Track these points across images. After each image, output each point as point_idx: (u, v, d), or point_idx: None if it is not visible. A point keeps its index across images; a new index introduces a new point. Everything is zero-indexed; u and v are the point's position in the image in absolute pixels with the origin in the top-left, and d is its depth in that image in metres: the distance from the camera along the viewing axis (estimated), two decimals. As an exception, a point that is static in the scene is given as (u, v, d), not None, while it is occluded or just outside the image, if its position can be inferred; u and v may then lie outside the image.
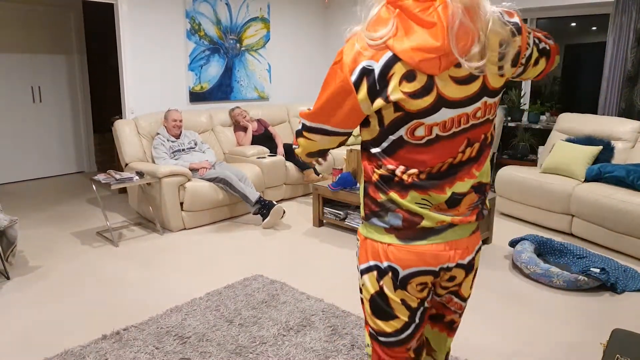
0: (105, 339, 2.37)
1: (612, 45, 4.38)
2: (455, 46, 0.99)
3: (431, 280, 1.18)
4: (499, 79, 1.09)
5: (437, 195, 1.13)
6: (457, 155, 1.12)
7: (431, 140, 1.09)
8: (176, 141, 4.34)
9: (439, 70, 1.02)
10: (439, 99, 1.05)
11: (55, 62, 5.78)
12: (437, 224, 1.14)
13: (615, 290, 2.89)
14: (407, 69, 1.02)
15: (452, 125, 1.08)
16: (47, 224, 4.20)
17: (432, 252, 1.14)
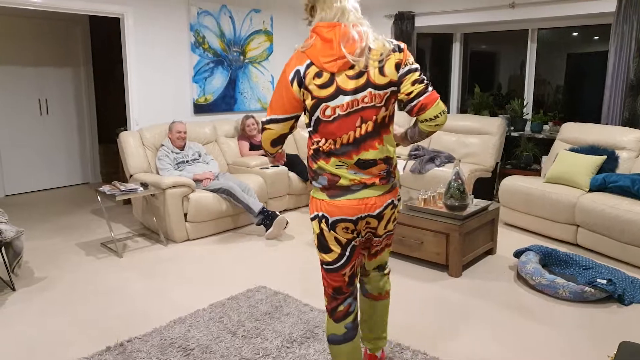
0: (109, 350, 2.37)
1: (614, 55, 4.39)
2: (346, 52, 1.58)
3: (352, 226, 1.70)
4: (382, 77, 1.62)
5: (347, 160, 1.66)
6: (356, 129, 1.64)
7: (335, 117, 1.63)
8: (180, 152, 4.37)
9: (337, 70, 1.60)
10: (337, 89, 1.61)
11: (61, 74, 5.85)
12: (352, 182, 1.66)
13: (623, 302, 2.86)
14: (317, 70, 1.61)
15: (347, 107, 1.62)
16: (52, 235, 4.22)
17: (348, 206, 1.67)
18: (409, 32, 5.65)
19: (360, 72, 1.60)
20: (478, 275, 3.31)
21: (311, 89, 1.62)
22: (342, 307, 1.81)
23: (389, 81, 1.63)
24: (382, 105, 1.64)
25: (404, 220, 3.46)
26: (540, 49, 5.39)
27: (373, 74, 1.61)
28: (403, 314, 2.76)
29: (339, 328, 1.82)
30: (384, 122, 1.68)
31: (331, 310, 1.83)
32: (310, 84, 1.62)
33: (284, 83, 1.66)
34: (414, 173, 4.84)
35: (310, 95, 1.63)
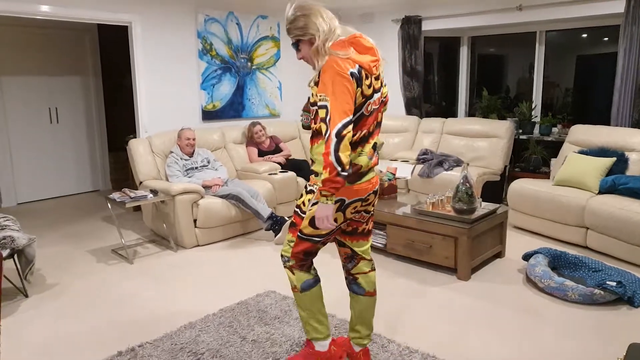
0: (121, 355, 2.40)
1: (623, 56, 4.37)
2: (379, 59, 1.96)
3: (360, 204, 2.02)
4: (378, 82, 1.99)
5: (367, 145, 1.97)
6: (376, 121, 1.99)
7: (371, 111, 1.96)
8: (189, 159, 4.41)
9: (376, 71, 1.94)
10: (373, 88, 1.94)
11: (71, 83, 5.94)
12: (367, 167, 1.97)
13: (633, 304, 2.84)
14: (366, 73, 1.89)
15: (377, 102, 1.98)
16: (63, 242, 4.27)
17: (363, 188, 1.98)
18: (416, 36, 5.66)
19: (379, 74, 1.98)
20: (487, 278, 3.30)
21: (363, 88, 1.88)
22: (308, 262, 2.15)
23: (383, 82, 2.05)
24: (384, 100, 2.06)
25: (413, 224, 3.46)
26: (549, 51, 5.37)
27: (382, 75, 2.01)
28: (412, 317, 2.76)
29: (308, 274, 2.14)
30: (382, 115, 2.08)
31: (301, 267, 2.13)
32: (363, 85, 1.88)
33: (348, 83, 1.81)
34: (422, 177, 4.84)
35: (361, 95, 1.88)
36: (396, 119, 5.81)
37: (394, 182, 4.10)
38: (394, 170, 4.21)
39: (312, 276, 2.15)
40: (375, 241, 3.78)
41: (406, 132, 5.70)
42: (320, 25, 1.91)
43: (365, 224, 2.13)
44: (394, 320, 2.72)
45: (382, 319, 2.74)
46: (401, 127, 5.74)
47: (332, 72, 1.81)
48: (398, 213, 3.56)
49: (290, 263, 2.12)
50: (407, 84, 5.85)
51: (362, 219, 2.11)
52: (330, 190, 1.80)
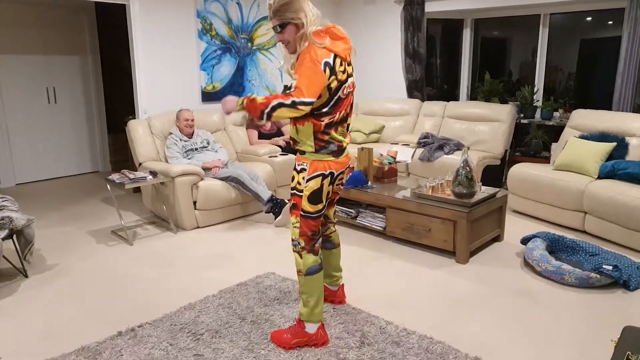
0: (121, 335, 2.42)
1: (627, 40, 4.32)
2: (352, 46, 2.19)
3: (343, 176, 2.28)
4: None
5: (345, 124, 2.22)
6: (350, 103, 2.22)
7: (347, 94, 2.17)
8: (189, 140, 4.39)
9: (349, 58, 2.15)
10: (347, 74, 2.15)
11: (69, 63, 5.89)
12: (346, 144, 2.23)
13: (628, 288, 2.86)
14: (340, 60, 2.09)
15: (351, 85, 2.20)
16: (63, 223, 4.28)
17: (343, 162, 2.24)
18: (419, 18, 5.59)
19: (349, 61, 2.18)
20: (485, 261, 3.32)
21: (337, 74, 2.08)
22: (317, 245, 2.28)
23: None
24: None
25: (412, 207, 3.47)
26: (552, 35, 5.30)
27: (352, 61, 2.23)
28: (410, 299, 2.79)
29: (317, 259, 2.26)
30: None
31: (310, 248, 2.25)
32: (337, 71, 2.07)
33: (319, 72, 2.00)
34: (422, 161, 4.83)
35: (336, 80, 2.08)
36: (398, 102, 5.77)
37: (394, 166, 4.09)
38: (394, 154, 4.20)
39: (319, 263, 2.27)
40: (374, 224, 3.79)
41: (407, 115, 5.67)
42: (309, 11, 2.07)
43: (337, 193, 2.46)
44: (392, 303, 2.75)
45: (380, 301, 2.77)
46: (402, 110, 5.71)
47: (309, 58, 2.00)
48: (398, 196, 3.56)
49: (301, 245, 2.23)
50: (409, 67, 5.79)
51: (338, 191, 2.42)
52: (248, 108, 2.05)
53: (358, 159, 4.02)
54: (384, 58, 6.07)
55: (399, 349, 2.27)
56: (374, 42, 6.11)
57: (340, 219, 4.04)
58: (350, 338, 2.36)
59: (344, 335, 2.39)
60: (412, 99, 5.78)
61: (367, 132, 5.50)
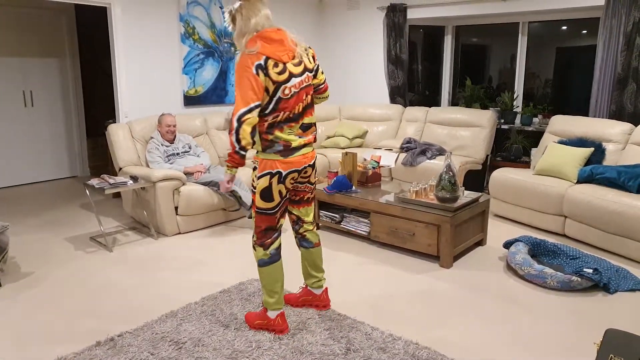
0: (99, 345, 2.35)
1: (603, 49, 4.43)
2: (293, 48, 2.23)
3: (297, 175, 2.32)
4: (310, 64, 2.32)
5: (295, 124, 2.26)
6: (303, 101, 2.27)
7: (291, 94, 2.22)
8: (170, 145, 4.33)
9: (287, 60, 2.20)
10: (289, 74, 2.20)
11: (47, 65, 5.75)
12: (299, 144, 2.27)
13: (608, 290, 2.91)
14: (274, 62, 2.16)
15: (298, 85, 2.24)
16: (39, 229, 4.17)
17: (297, 161, 2.28)
18: (401, 24, 5.64)
19: (299, 61, 2.25)
20: (469, 266, 3.34)
21: (271, 76, 2.15)
22: (269, 240, 2.38)
23: (312, 66, 2.33)
24: (312, 84, 2.35)
25: (396, 212, 3.47)
26: (529, 43, 5.41)
27: (306, 62, 2.29)
28: (395, 304, 2.78)
29: (266, 253, 2.38)
30: (312, 97, 2.36)
31: (261, 242, 2.38)
32: (270, 72, 2.14)
33: (251, 76, 2.11)
34: (405, 166, 4.86)
35: (271, 81, 2.15)
36: (381, 107, 5.81)
37: (377, 170, 4.10)
38: (378, 159, 4.21)
39: (268, 256, 2.38)
40: (358, 229, 3.78)
41: (390, 120, 5.71)
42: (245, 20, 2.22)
43: (310, 193, 2.50)
44: (377, 308, 2.74)
45: (365, 306, 2.76)
46: (385, 116, 5.74)
47: (237, 67, 2.15)
48: (382, 201, 3.57)
49: (254, 239, 2.40)
50: (392, 73, 5.83)
51: (307, 189, 2.47)
52: (231, 163, 2.19)
53: (342, 163, 4.01)
54: (367, 64, 6.11)
55: (385, 355, 2.26)
56: (358, 47, 6.14)
57: (325, 223, 4.03)
58: (335, 345, 2.34)
59: (330, 342, 2.37)
60: (394, 105, 5.82)
61: (350, 136, 5.51)
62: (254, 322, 2.50)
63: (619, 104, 4.39)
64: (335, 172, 4.04)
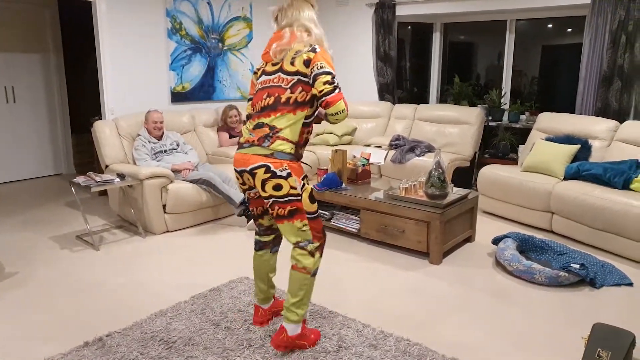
0: (88, 346, 2.32)
1: (588, 47, 4.48)
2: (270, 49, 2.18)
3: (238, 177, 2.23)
4: (291, 66, 2.10)
5: (252, 121, 2.17)
6: (263, 100, 2.14)
7: (257, 90, 2.21)
8: (158, 142, 4.27)
9: (266, 60, 2.22)
10: (263, 71, 2.22)
11: (29, 61, 5.64)
12: (244, 139, 2.17)
13: (594, 285, 2.96)
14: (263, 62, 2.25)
15: (262, 83, 2.19)
16: (23, 228, 4.09)
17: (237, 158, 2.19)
18: (390, 21, 5.64)
19: (277, 62, 2.15)
20: (458, 262, 3.36)
21: (256, 74, 2.29)
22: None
23: (296, 70, 2.08)
24: (288, 87, 2.09)
25: (386, 209, 3.48)
26: (516, 41, 5.46)
27: (285, 64, 2.12)
28: (386, 301, 2.79)
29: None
30: (286, 102, 2.09)
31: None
32: (256, 71, 2.29)
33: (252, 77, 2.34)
34: (394, 163, 4.87)
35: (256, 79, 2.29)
36: (369, 105, 5.81)
37: (367, 168, 4.10)
38: (367, 156, 4.21)
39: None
40: (348, 226, 3.78)
41: (379, 117, 5.71)
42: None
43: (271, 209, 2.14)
44: (368, 305, 2.74)
45: (356, 303, 2.76)
46: (374, 113, 5.74)
47: None
48: (372, 198, 3.57)
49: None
50: (381, 70, 5.83)
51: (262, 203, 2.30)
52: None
53: (332, 160, 4.01)
54: (356, 60, 6.10)
55: (377, 351, 2.26)
56: (346, 44, 6.13)
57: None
58: (327, 342, 2.34)
59: (321, 339, 2.36)
60: (383, 102, 5.82)
61: (339, 134, 5.50)
62: (298, 343, 2.25)
63: (605, 101, 4.46)
64: (325, 170, 4.03)
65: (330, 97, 1.99)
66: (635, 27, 4.21)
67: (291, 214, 2.11)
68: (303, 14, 2.14)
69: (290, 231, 2.14)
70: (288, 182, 2.08)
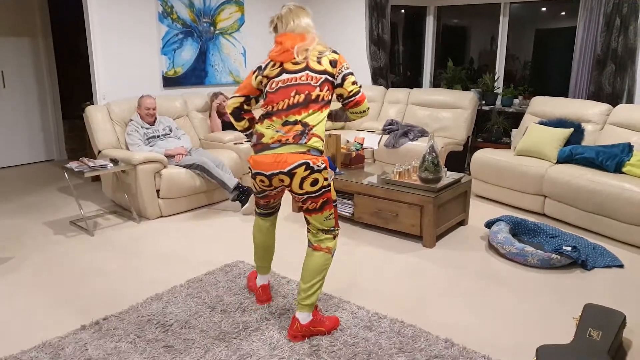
0: (85, 329, 2.33)
1: (583, 30, 4.47)
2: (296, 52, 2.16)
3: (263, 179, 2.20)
4: (318, 65, 2.16)
5: (276, 119, 2.13)
6: (291, 98, 2.12)
7: (276, 89, 2.15)
8: (150, 128, 4.24)
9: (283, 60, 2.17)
10: (283, 70, 2.16)
11: (18, 45, 5.54)
12: (270, 139, 2.13)
13: (586, 267, 3.00)
14: (273, 61, 2.20)
15: (287, 81, 2.14)
16: (16, 214, 4.06)
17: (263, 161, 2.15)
18: (383, 4, 5.59)
19: (298, 62, 2.16)
20: (451, 245, 3.40)
21: (267, 72, 2.20)
22: None
23: (323, 69, 2.16)
24: (317, 85, 2.14)
25: (380, 193, 3.49)
26: (509, 24, 5.43)
27: (311, 63, 2.16)
28: (380, 284, 2.82)
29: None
30: (316, 99, 2.14)
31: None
32: (267, 70, 2.20)
33: (248, 75, 2.29)
34: (388, 147, 4.87)
35: (261, 76, 2.22)
36: (363, 89, 5.77)
37: (361, 152, 4.10)
38: (361, 141, 4.21)
39: None
40: (342, 210, 3.80)
41: (372, 102, 5.69)
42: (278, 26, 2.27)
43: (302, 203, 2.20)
44: (362, 287, 2.77)
45: (350, 285, 2.78)
46: (367, 97, 5.72)
47: None
48: (365, 183, 3.58)
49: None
50: (374, 54, 5.80)
51: (297, 199, 2.22)
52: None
53: (326, 145, 4.00)
54: (350, 44, 6.05)
55: (371, 333, 2.29)
56: (340, 28, 6.08)
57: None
58: (322, 324, 2.36)
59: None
60: (376, 86, 5.80)
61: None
62: (315, 329, 2.25)
63: (598, 85, 4.47)
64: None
65: (359, 96, 2.20)
66: (630, 10, 4.20)
67: (322, 205, 2.17)
68: (304, 20, 2.22)
69: (319, 221, 2.20)
70: (322, 174, 2.13)
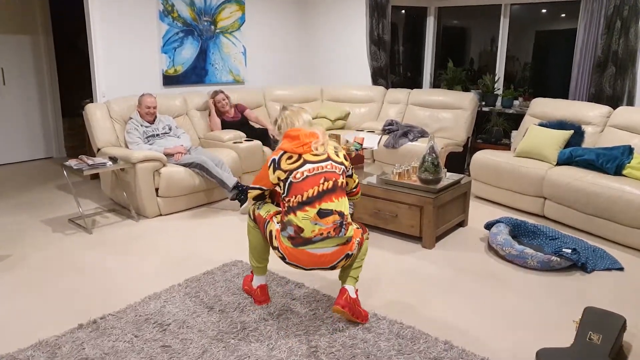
0: (82, 328, 2.32)
1: (583, 32, 4.47)
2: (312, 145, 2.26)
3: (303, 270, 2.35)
4: (336, 157, 2.33)
5: (311, 209, 2.19)
6: (321, 185, 2.22)
7: (302, 178, 2.22)
8: (150, 126, 4.23)
9: (302, 152, 2.25)
10: (303, 160, 2.24)
11: (19, 43, 5.52)
12: (311, 233, 2.19)
13: (586, 270, 2.99)
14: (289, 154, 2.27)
15: (314, 170, 2.24)
16: (14, 212, 4.05)
17: (306, 257, 2.25)
18: (384, 5, 5.58)
19: (318, 153, 2.27)
20: (451, 246, 3.39)
21: (282, 166, 2.26)
22: None
23: (341, 161, 2.34)
24: (340, 174, 2.30)
25: (379, 193, 3.48)
26: (509, 26, 5.43)
27: (331, 155, 2.32)
28: (379, 285, 2.81)
29: None
30: (341, 186, 2.29)
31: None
32: (282, 163, 2.26)
33: (265, 169, 2.32)
34: (387, 148, 4.87)
35: (280, 170, 2.26)
36: (363, 89, 5.78)
37: (361, 153, 4.10)
38: (361, 141, 4.20)
39: None
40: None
41: (372, 102, 5.69)
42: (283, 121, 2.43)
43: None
44: (361, 288, 2.76)
45: (349, 286, 2.77)
46: (367, 97, 5.71)
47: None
48: (365, 183, 3.57)
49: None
50: (374, 54, 5.79)
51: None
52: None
53: (326, 145, 3.98)
54: (350, 44, 6.05)
55: (370, 334, 2.28)
56: (340, 28, 6.07)
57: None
58: (322, 325, 2.35)
59: (316, 323, 2.38)
60: (376, 86, 5.79)
61: (332, 118, 5.48)
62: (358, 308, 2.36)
63: (598, 87, 4.47)
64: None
65: (358, 187, 2.52)
66: (630, 13, 4.20)
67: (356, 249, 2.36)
68: (305, 117, 2.44)
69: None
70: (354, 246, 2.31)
